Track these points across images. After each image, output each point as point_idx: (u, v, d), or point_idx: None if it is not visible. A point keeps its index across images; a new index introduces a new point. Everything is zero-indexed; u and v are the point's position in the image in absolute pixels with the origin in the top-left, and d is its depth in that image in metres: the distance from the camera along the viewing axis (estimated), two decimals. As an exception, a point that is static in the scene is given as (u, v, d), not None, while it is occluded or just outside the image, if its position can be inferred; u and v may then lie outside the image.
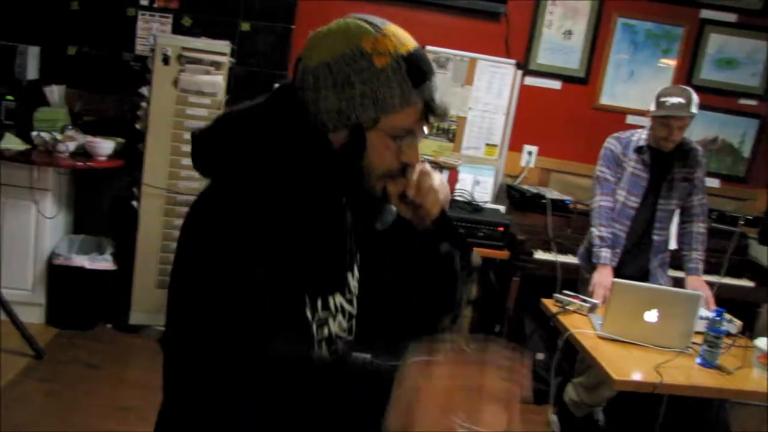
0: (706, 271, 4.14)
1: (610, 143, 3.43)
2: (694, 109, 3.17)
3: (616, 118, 4.43)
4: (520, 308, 4.04)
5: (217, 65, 4.00)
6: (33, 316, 4.07)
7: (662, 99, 3.19)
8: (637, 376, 2.57)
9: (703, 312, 2.97)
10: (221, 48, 4.02)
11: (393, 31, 1.22)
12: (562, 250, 4.02)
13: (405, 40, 1.22)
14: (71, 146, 4.06)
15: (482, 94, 4.46)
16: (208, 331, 1.10)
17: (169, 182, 4.10)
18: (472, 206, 4.03)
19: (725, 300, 3.87)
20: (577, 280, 3.63)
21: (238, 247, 1.12)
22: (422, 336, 1.21)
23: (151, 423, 1.31)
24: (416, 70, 1.19)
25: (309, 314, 1.24)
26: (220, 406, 1.11)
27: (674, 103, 3.15)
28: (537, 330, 4.13)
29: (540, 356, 4.08)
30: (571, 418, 3.57)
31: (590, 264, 3.42)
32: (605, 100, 4.56)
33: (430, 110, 1.22)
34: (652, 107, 3.23)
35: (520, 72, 4.45)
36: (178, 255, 1.19)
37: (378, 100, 1.17)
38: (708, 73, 4.60)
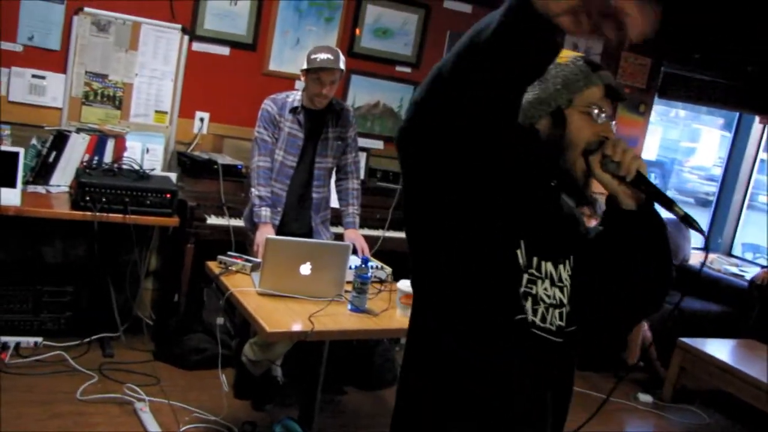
0: (372, 226, 4.50)
1: (267, 105, 3.55)
2: (341, 65, 3.40)
3: (285, 83, 4.57)
4: (197, 275, 4.03)
5: None
6: None
7: (313, 56, 3.40)
8: (294, 327, 2.70)
9: (356, 262, 3.21)
10: None
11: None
12: (235, 215, 4.08)
13: (571, 52, 1.52)
14: None
15: (148, 59, 4.33)
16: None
17: None
18: (138, 174, 3.92)
19: (389, 251, 4.24)
20: (249, 243, 3.71)
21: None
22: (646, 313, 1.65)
23: None
24: (590, 62, 1.51)
25: (521, 261, 1.45)
26: None
27: (324, 59, 3.37)
28: (215, 295, 4.16)
29: (221, 321, 4.12)
30: (251, 377, 3.65)
31: (253, 224, 3.52)
32: (273, 66, 4.68)
33: (610, 90, 1.49)
34: (305, 65, 3.41)
35: (186, 37, 4.39)
36: None
37: (568, 82, 1.47)
38: (367, 41, 4.93)
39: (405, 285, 2.96)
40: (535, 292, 1.46)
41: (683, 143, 13.50)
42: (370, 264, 3.16)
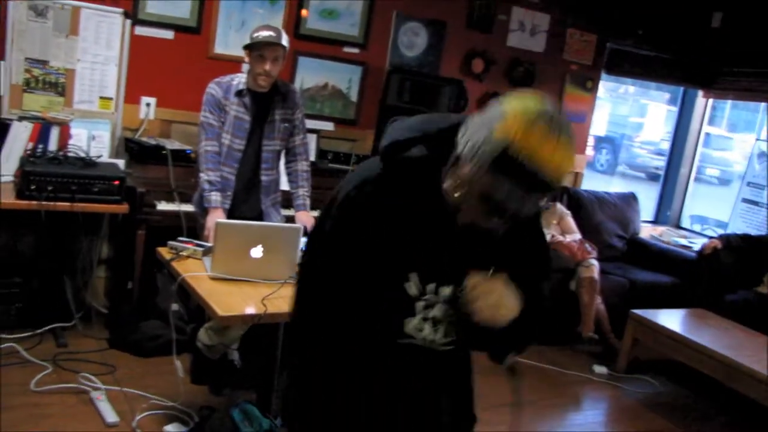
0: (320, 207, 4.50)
1: (212, 88, 3.52)
2: (284, 42, 3.39)
3: (231, 67, 4.51)
4: (149, 261, 4.00)
5: None
6: None
7: (255, 34, 3.40)
8: (248, 310, 2.70)
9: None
10: None
11: None
12: (186, 200, 4.05)
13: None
14: None
15: (90, 44, 4.25)
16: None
17: None
18: (84, 161, 3.86)
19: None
20: (200, 228, 3.70)
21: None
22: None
23: None
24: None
25: (414, 291, 1.51)
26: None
27: (266, 35, 3.36)
28: (168, 281, 4.14)
29: (175, 307, 4.10)
30: (207, 362, 3.65)
31: (203, 209, 3.51)
32: (219, 49, 4.64)
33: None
34: (247, 42, 3.40)
35: (128, 21, 4.32)
36: None
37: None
38: (314, 23, 4.91)
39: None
40: (432, 315, 1.55)
41: (632, 119, 13.76)
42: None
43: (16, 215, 3.83)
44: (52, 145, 4.07)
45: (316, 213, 3.82)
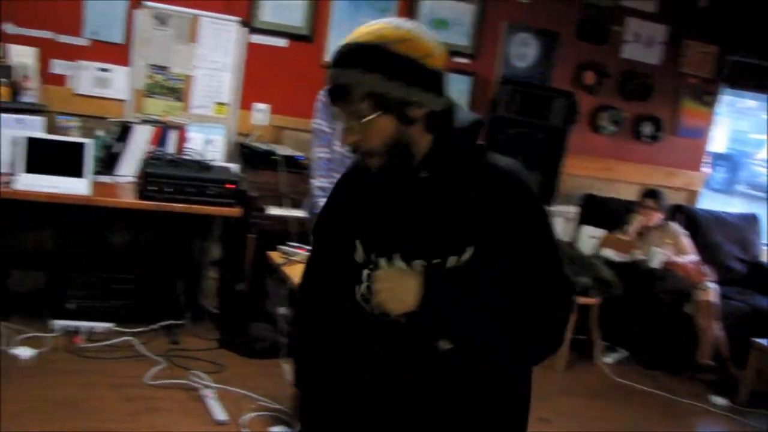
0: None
1: (323, 96, 3.55)
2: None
3: (343, 75, 4.58)
4: (260, 265, 4.08)
5: None
6: None
7: None
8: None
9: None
10: None
11: None
12: (296, 205, 4.11)
13: None
14: None
15: (208, 51, 4.39)
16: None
17: None
18: (200, 165, 3.98)
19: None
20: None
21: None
22: None
23: None
24: None
25: (359, 258, 1.52)
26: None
27: None
28: (278, 285, 4.20)
29: (283, 311, 4.16)
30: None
31: (314, 215, 3.54)
32: (331, 57, 4.69)
33: None
34: None
35: (245, 30, 4.45)
36: None
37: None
38: (424, 32, 4.90)
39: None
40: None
41: (753, 135, 13.04)
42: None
43: (136, 214, 3.99)
44: (171, 148, 4.22)
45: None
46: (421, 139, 1.43)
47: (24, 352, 3.53)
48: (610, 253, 4.88)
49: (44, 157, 3.80)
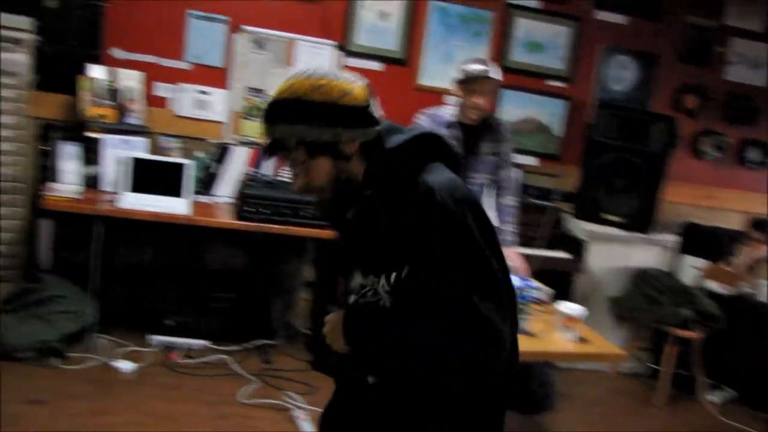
0: (525, 244, 4.40)
1: (420, 119, 3.55)
2: (495, 76, 3.35)
3: (436, 98, 4.57)
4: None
5: (17, 42, 3.74)
6: None
7: (467, 67, 3.40)
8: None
9: (515, 282, 3.13)
10: (21, 24, 3.76)
11: None
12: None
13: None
14: None
15: (305, 75, 4.45)
16: None
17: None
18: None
19: (543, 271, 4.12)
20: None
21: None
22: None
23: None
24: None
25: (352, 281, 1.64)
26: None
27: (478, 68, 3.35)
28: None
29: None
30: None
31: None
32: (425, 81, 4.70)
33: None
34: (459, 76, 3.41)
35: (340, 53, 4.49)
36: None
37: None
38: (518, 55, 4.85)
39: (567, 307, 2.86)
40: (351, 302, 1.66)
41: None
42: (529, 284, 3.08)
43: (232, 234, 4.06)
44: (267, 169, 4.29)
45: (522, 250, 3.73)
46: (360, 168, 1.54)
47: (125, 366, 3.63)
48: (713, 285, 4.67)
49: (147, 176, 3.92)
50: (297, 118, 1.49)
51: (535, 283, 3.28)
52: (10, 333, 3.59)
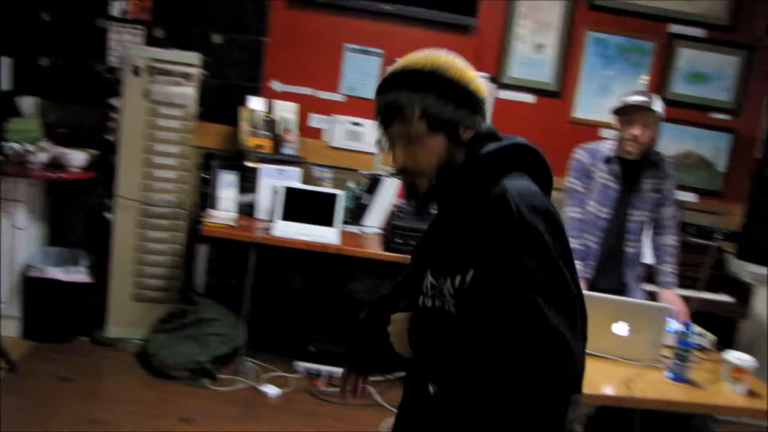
0: (684, 285, 4.15)
1: (579, 154, 3.43)
2: (657, 108, 3.18)
3: (591, 131, 4.44)
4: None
5: (187, 77, 3.98)
6: (8, 329, 3.99)
7: (626, 98, 3.26)
8: (606, 390, 2.54)
9: (674, 325, 2.96)
10: (191, 59, 4.01)
11: None
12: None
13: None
14: (43, 157, 4.01)
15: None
16: None
17: (142, 194, 4.07)
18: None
19: (704, 314, 3.87)
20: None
21: None
22: None
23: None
24: None
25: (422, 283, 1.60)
26: None
27: (637, 100, 3.21)
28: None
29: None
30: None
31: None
32: (579, 113, 4.57)
33: None
34: (617, 106, 3.28)
35: (493, 85, 4.46)
36: None
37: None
38: (679, 87, 4.62)
39: (735, 357, 2.66)
40: (421, 303, 1.60)
41: None
42: (692, 329, 2.88)
43: (378, 264, 4.09)
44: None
45: (682, 291, 3.51)
46: (460, 162, 1.50)
47: (271, 390, 3.74)
48: None
49: (300, 205, 4.05)
50: (428, 88, 1.45)
51: (698, 329, 3.07)
52: (166, 351, 3.79)
